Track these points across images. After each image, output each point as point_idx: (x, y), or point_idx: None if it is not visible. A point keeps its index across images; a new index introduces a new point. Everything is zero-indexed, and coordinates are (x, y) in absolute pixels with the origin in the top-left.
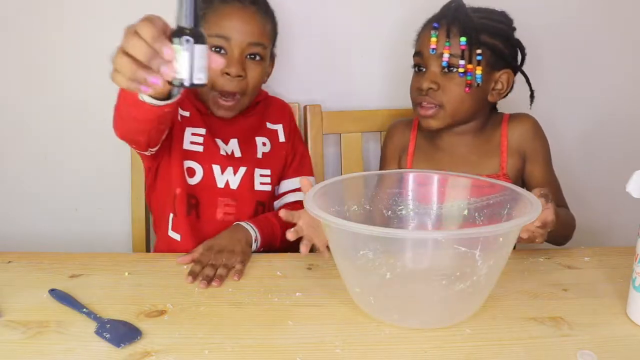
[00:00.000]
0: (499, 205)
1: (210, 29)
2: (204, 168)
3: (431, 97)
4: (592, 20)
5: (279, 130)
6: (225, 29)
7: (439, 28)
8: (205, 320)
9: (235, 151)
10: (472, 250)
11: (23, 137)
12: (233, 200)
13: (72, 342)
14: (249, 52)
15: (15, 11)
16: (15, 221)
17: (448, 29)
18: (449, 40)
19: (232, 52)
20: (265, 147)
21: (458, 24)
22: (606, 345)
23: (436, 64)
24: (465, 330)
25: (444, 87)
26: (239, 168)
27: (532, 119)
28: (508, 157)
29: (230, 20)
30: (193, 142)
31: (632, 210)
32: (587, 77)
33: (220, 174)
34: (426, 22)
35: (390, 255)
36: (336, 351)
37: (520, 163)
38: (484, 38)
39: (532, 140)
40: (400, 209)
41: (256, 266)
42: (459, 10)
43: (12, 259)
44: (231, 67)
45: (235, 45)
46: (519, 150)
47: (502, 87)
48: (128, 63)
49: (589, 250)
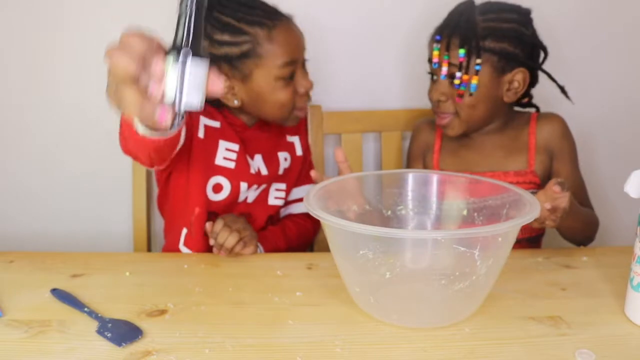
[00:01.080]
0: (499, 206)
1: (277, 58)
2: (232, 185)
3: (442, 108)
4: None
5: (295, 142)
6: (293, 53)
7: (440, 40)
8: (206, 319)
9: (262, 168)
10: (472, 250)
11: (24, 137)
12: (247, 214)
13: (73, 341)
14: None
15: (15, 11)
16: (16, 221)
17: (449, 41)
18: (447, 53)
19: (298, 69)
20: (286, 163)
21: (459, 34)
22: (604, 345)
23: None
24: (465, 329)
25: (452, 97)
26: (261, 185)
27: (561, 118)
28: (536, 155)
29: (290, 43)
30: (226, 158)
31: (630, 210)
32: (587, 77)
33: (245, 191)
34: (434, 30)
35: (389, 255)
36: (336, 351)
37: (548, 161)
38: (489, 44)
39: (560, 139)
40: (400, 209)
41: (256, 266)
42: (464, 15)
43: (13, 258)
44: (307, 84)
45: (300, 64)
46: (547, 148)
47: (518, 86)
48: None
49: (588, 250)
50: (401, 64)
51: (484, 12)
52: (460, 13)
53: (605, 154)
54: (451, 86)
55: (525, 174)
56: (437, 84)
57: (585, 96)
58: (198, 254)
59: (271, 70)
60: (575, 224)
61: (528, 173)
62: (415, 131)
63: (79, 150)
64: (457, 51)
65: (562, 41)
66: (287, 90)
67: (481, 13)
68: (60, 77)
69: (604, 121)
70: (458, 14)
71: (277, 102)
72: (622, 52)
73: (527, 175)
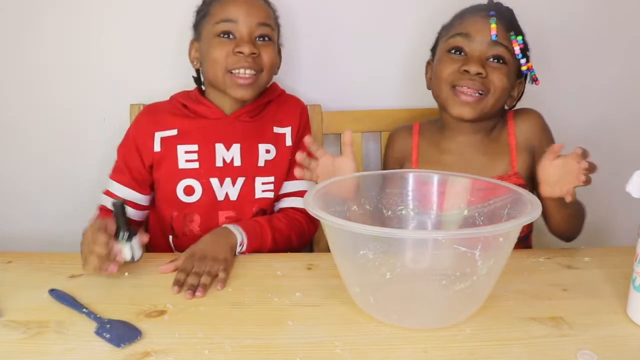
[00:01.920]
0: (500, 206)
1: (217, 16)
2: (202, 184)
3: (479, 82)
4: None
5: (287, 133)
6: (231, 13)
7: (495, 16)
8: (205, 320)
9: (236, 159)
10: (472, 250)
11: (23, 137)
12: (233, 211)
13: (72, 342)
14: (258, 33)
15: (15, 11)
16: (15, 221)
17: (506, 24)
18: (512, 33)
19: (241, 34)
20: (268, 155)
21: (512, 21)
22: (606, 345)
23: (485, 51)
24: (465, 330)
25: (491, 75)
26: (237, 178)
27: (537, 113)
28: (518, 155)
29: (235, 4)
30: (188, 160)
31: (632, 210)
32: (587, 77)
33: (220, 187)
34: (469, 8)
35: (390, 255)
36: (336, 351)
37: (530, 159)
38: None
39: (539, 134)
40: (400, 209)
41: (256, 266)
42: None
43: (12, 259)
44: (242, 47)
45: (244, 27)
46: (527, 146)
47: (516, 95)
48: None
49: (589, 251)
50: (401, 64)
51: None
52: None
53: (606, 154)
54: (490, 64)
55: (509, 177)
56: (476, 58)
57: (586, 96)
58: None
59: (211, 27)
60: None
61: (512, 176)
62: (391, 139)
63: (77, 151)
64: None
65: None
66: (222, 48)
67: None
68: (61, 78)
69: (606, 120)
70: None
71: (211, 58)
72: (623, 52)
73: (511, 178)
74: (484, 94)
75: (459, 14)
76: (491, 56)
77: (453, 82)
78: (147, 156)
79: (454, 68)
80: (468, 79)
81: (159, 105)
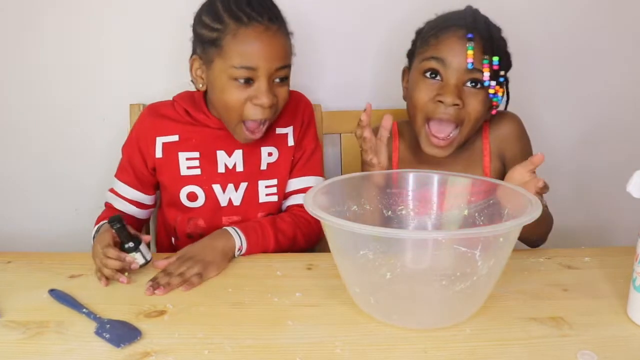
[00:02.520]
0: (500, 206)
1: (233, 59)
2: (205, 190)
3: (453, 113)
4: (592, 22)
5: (288, 134)
6: (252, 60)
7: (473, 39)
8: (205, 320)
9: (238, 164)
10: (473, 250)
11: (23, 137)
12: (237, 216)
13: (71, 342)
14: (276, 76)
15: (15, 11)
16: (15, 221)
17: (483, 44)
18: (486, 57)
19: (260, 80)
20: (270, 158)
21: (491, 39)
22: (606, 346)
23: (461, 77)
24: (465, 330)
25: (467, 104)
26: (240, 184)
27: (515, 118)
28: (491, 162)
29: (254, 47)
30: (190, 167)
31: (632, 210)
32: (587, 77)
33: (222, 193)
34: (443, 24)
35: (390, 255)
36: (336, 351)
37: (501, 166)
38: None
39: (512, 143)
40: (400, 209)
41: (256, 266)
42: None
43: (11, 259)
44: (262, 99)
45: (264, 74)
46: (499, 152)
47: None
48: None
49: (590, 250)
50: (402, 64)
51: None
52: (475, 17)
53: (606, 154)
54: (467, 91)
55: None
56: (452, 86)
57: (587, 95)
58: None
59: (226, 67)
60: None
61: None
62: None
63: (77, 151)
64: (492, 57)
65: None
66: (238, 94)
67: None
68: (61, 77)
69: (606, 120)
70: (473, 17)
71: (224, 101)
72: (624, 51)
73: None
74: (458, 125)
75: (434, 31)
76: (468, 80)
77: (427, 114)
78: (150, 160)
79: (429, 96)
80: (442, 111)
81: (161, 107)
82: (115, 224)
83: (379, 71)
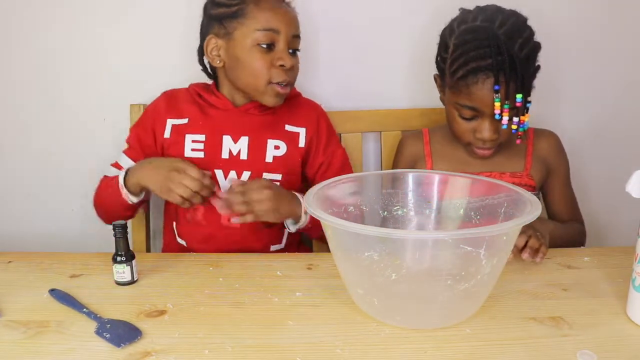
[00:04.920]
0: (496, 205)
1: (258, 22)
2: None
3: (493, 144)
4: (592, 21)
5: (300, 133)
6: (274, 22)
7: (499, 90)
8: (206, 320)
9: (243, 152)
10: (477, 249)
11: (23, 137)
12: None
13: (72, 342)
14: (293, 45)
15: (17, 11)
16: (15, 221)
17: (507, 88)
18: (507, 102)
19: (280, 45)
20: (277, 151)
21: (514, 78)
22: (606, 345)
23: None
24: (465, 330)
25: (502, 131)
26: (242, 172)
27: (556, 136)
28: (533, 161)
29: (277, 12)
30: (194, 149)
31: (632, 210)
32: (587, 77)
33: (224, 179)
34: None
35: (396, 256)
36: (336, 351)
37: (545, 171)
38: (530, 78)
39: (556, 156)
40: (396, 209)
41: (256, 266)
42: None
43: (12, 259)
44: (285, 60)
45: (284, 38)
46: (544, 160)
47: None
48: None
49: (589, 250)
50: (402, 64)
51: (510, 36)
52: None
53: (606, 154)
54: (499, 122)
55: (522, 176)
56: (490, 124)
57: (587, 96)
58: (197, 254)
59: (251, 33)
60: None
61: (524, 175)
62: (400, 145)
63: (78, 151)
64: (515, 96)
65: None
66: (264, 59)
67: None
68: (61, 77)
69: (606, 120)
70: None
71: (251, 68)
72: (624, 51)
73: (523, 178)
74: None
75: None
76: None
77: (470, 142)
78: (159, 139)
79: (467, 129)
80: (482, 145)
81: (176, 91)
82: (118, 230)
83: (379, 71)
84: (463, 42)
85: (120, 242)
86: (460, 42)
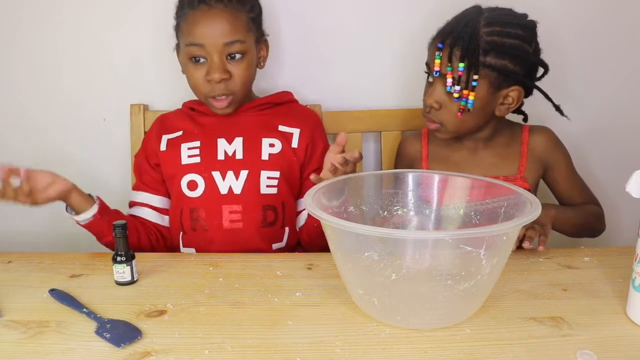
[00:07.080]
0: (496, 205)
1: (185, 36)
2: (205, 178)
3: (432, 115)
4: (592, 21)
5: (294, 134)
6: (197, 35)
7: (442, 49)
8: (206, 320)
9: (238, 152)
10: (478, 249)
11: (23, 137)
12: (238, 205)
13: (72, 342)
14: (227, 52)
15: (19, 10)
16: (15, 221)
17: (451, 51)
18: (450, 64)
19: (210, 57)
20: (273, 149)
21: (461, 46)
22: (606, 345)
23: (440, 83)
24: (465, 330)
25: (445, 105)
26: (240, 171)
27: (551, 131)
28: (527, 162)
29: (199, 25)
30: (190, 156)
31: (631, 210)
32: (587, 78)
33: (222, 180)
34: (436, 34)
35: (396, 256)
36: (336, 351)
37: (541, 170)
38: (490, 60)
39: (552, 151)
40: (396, 209)
41: (256, 266)
42: (469, 26)
43: (12, 258)
44: (213, 74)
45: (211, 49)
46: (540, 159)
47: (511, 102)
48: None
49: (589, 250)
50: (401, 64)
51: (490, 23)
52: (465, 23)
53: (606, 154)
54: (446, 94)
55: (515, 179)
56: (433, 90)
57: (587, 96)
58: (197, 254)
59: (184, 47)
60: (573, 229)
61: (517, 179)
62: (400, 147)
63: (77, 151)
64: (458, 64)
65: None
66: (194, 72)
67: (487, 24)
68: (61, 78)
69: (606, 120)
70: (463, 23)
71: (190, 82)
72: (624, 51)
73: (517, 181)
74: (441, 124)
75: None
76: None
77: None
78: (154, 157)
79: (423, 96)
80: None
81: (169, 113)
82: (119, 230)
83: (379, 71)
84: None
85: (120, 242)
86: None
